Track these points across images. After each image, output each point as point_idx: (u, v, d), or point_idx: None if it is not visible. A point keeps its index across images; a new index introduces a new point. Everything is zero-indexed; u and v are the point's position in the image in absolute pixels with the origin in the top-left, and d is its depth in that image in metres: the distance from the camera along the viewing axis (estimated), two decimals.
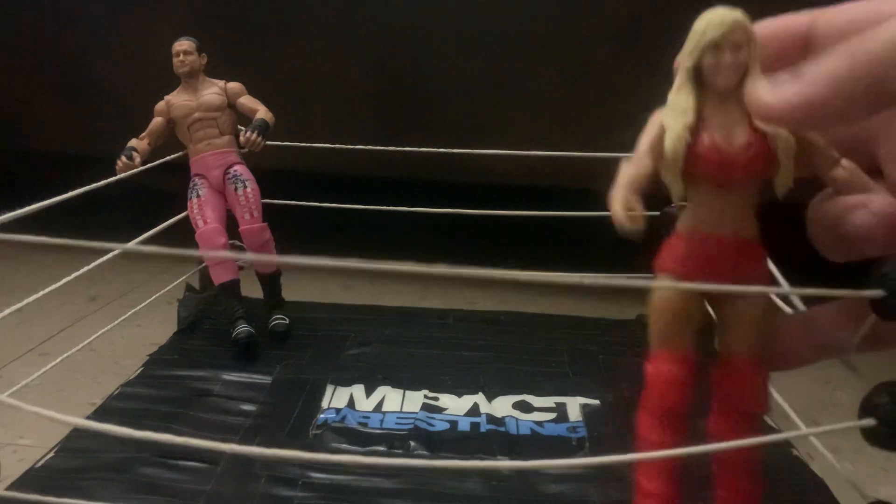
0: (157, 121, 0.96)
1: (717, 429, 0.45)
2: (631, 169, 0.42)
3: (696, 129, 0.40)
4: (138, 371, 0.87)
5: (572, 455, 0.72)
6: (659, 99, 0.43)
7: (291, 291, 1.04)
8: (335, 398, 0.82)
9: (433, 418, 0.79)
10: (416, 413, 0.79)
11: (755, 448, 0.44)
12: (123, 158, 0.90)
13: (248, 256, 0.95)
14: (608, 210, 0.40)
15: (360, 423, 0.77)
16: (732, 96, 0.39)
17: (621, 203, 0.40)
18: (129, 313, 0.92)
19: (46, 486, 0.62)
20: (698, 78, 0.39)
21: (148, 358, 0.91)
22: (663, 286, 0.43)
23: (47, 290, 0.67)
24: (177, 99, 0.96)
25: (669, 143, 0.40)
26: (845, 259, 0.37)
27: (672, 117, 0.40)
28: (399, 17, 1.35)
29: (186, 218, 0.95)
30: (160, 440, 0.38)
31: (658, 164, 0.41)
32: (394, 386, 0.85)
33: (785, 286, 0.42)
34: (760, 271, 0.41)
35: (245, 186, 0.95)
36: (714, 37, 0.38)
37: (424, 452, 0.72)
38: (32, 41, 1.48)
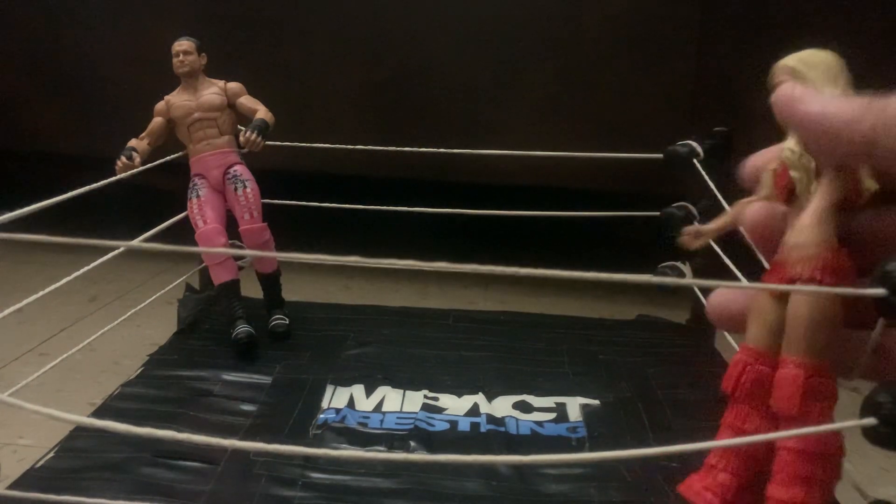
0: (156, 121, 0.96)
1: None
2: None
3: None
4: (138, 371, 0.87)
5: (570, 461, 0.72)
6: (658, 98, 0.44)
7: (291, 291, 1.04)
8: (335, 398, 0.82)
9: (433, 418, 0.79)
10: (416, 413, 0.79)
11: (793, 457, 0.44)
12: (123, 158, 0.90)
13: (249, 253, 0.95)
14: (607, 210, 0.41)
15: (360, 423, 0.77)
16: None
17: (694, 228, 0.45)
18: (130, 313, 0.91)
19: (46, 486, 0.62)
20: None
21: (148, 358, 0.91)
22: (675, 282, 0.43)
23: (47, 290, 0.67)
24: (177, 99, 0.96)
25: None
26: None
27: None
28: (399, 17, 1.35)
29: (186, 218, 0.95)
30: (161, 436, 0.38)
31: None
32: (394, 386, 0.85)
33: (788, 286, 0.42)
34: (815, 278, 0.41)
35: (245, 186, 0.95)
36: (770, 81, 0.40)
37: (424, 452, 0.72)
38: (32, 41, 1.48)
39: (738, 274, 0.70)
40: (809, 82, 0.39)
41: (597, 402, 0.83)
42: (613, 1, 1.29)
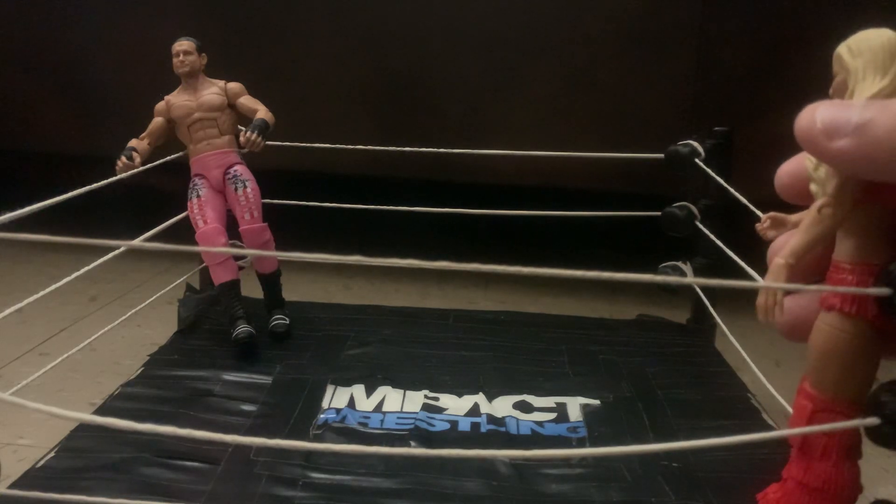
0: (156, 121, 0.96)
1: None
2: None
3: None
4: (138, 371, 0.87)
5: (572, 456, 0.72)
6: (658, 98, 0.43)
7: (291, 291, 1.04)
8: (335, 398, 0.82)
9: (433, 418, 0.79)
10: (417, 413, 0.79)
11: (793, 486, 0.43)
12: (123, 159, 0.90)
13: (249, 252, 0.95)
14: (608, 210, 0.40)
15: (360, 424, 0.77)
16: None
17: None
18: (130, 313, 0.91)
19: (47, 486, 0.62)
20: None
21: (148, 358, 0.91)
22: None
23: (47, 290, 0.67)
24: (177, 99, 0.96)
25: None
26: None
27: None
28: (399, 16, 1.35)
29: (187, 218, 0.95)
30: (163, 432, 0.38)
31: None
32: (394, 386, 0.85)
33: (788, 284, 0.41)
34: (834, 305, 0.38)
35: (245, 186, 0.95)
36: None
37: None
38: (32, 41, 1.48)
39: (751, 271, 0.69)
40: (853, 74, 0.34)
41: (597, 402, 0.83)
42: (614, 1, 1.29)
